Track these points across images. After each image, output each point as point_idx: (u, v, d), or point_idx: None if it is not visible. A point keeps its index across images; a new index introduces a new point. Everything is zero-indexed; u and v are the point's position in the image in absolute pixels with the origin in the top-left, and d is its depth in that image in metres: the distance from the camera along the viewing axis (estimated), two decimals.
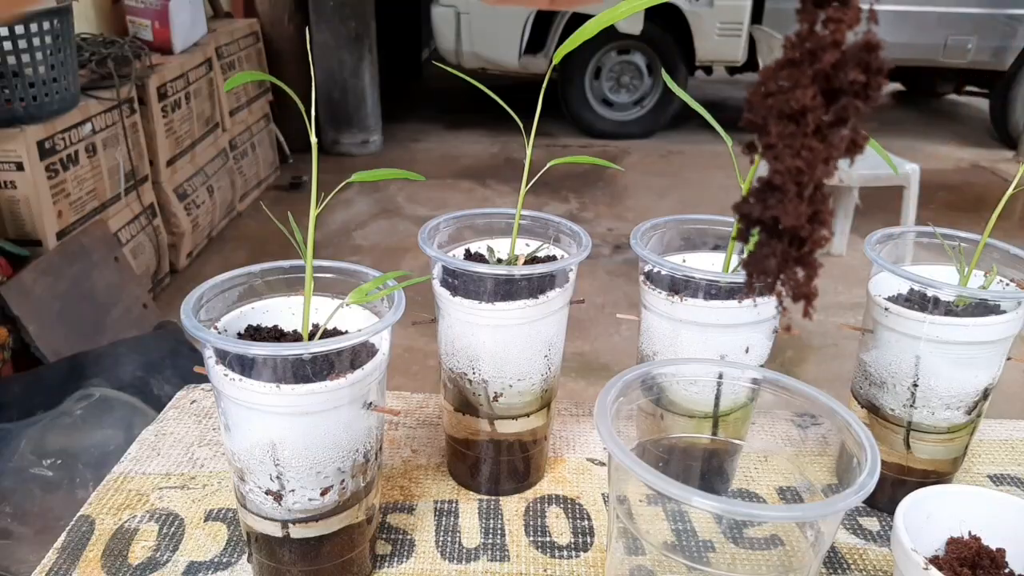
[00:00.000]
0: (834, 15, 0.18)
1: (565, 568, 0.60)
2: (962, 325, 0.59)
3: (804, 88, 0.18)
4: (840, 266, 2.81)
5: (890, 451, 0.65)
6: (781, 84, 0.18)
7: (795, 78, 0.18)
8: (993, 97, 4.32)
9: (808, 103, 0.18)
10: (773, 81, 0.18)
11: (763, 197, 0.19)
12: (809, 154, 0.18)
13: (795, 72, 0.18)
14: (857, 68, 0.18)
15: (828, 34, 0.18)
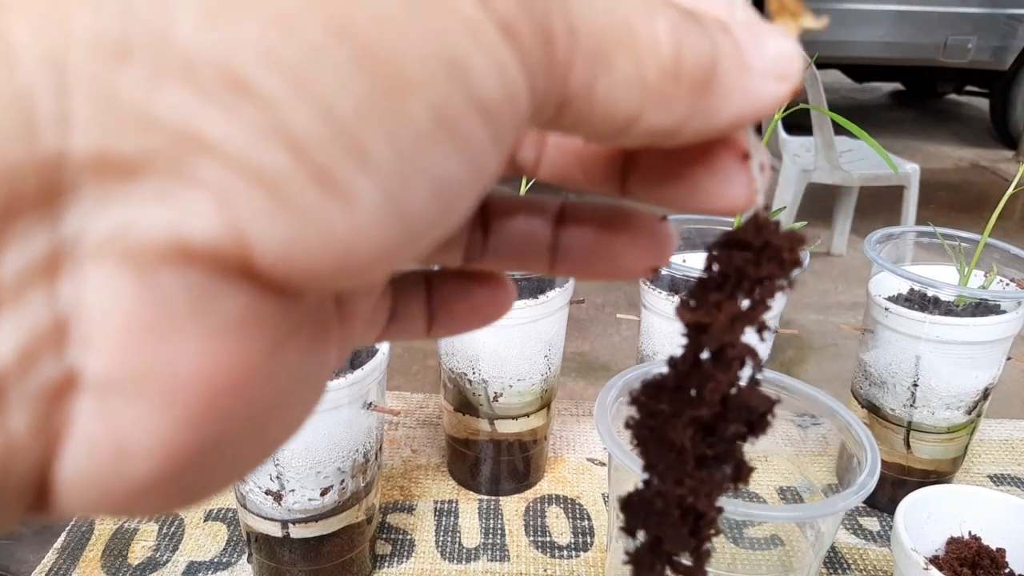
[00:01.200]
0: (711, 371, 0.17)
1: (565, 568, 0.60)
2: (962, 325, 0.59)
3: (683, 428, 0.17)
4: (840, 266, 2.81)
5: (890, 451, 0.65)
6: (661, 407, 0.17)
7: (675, 407, 0.17)
8: (993, 97, 4.32)
9: (686, 442, 0.17)
10: (653, 401, 0.17)
11: (646, 509, 0.18)
12: (693, 484, 0.17)
13: (676, 401, 0.17)
14: (741, 422, 0.18)
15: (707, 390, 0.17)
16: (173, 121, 0.10)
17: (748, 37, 0.16)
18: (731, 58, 0.15)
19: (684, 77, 0.15)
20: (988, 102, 4.41)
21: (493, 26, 0.12)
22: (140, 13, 0.10)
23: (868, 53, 4.11)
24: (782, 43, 0.17)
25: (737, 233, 0.17)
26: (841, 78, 4.81)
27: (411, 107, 0.11)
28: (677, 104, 0.15)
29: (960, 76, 4.54)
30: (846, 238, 2.88)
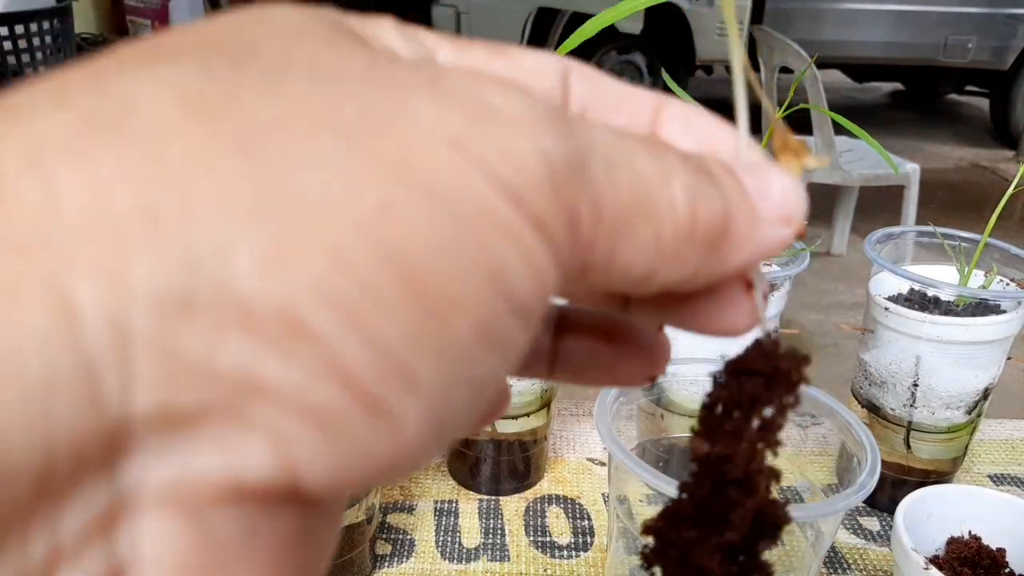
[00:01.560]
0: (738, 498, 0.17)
1: (565, 568, 0.60)
2: (962, 325, 0.59)
3: (710, 554, 0.17)
4: (840, 266, 2.81)
5: (890, 451, 0.65)
6: (684, 535, 0.18)
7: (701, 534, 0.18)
8: (993, 97, 4.32)
9: (715, 569, 0.17)
10: (674, 530, 0.18)
11: None
12: None
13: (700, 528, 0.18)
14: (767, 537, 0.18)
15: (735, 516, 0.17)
16: (233, 371, 0.10)
17: (754, 183, 0.17)
18: (742, 210, 0.16)
19: (698, 236, 0.15)
20: (988, 102, 4.40)
21: (527, 224, 0.12)
22: (201, 265, 0.10)
23: (868, 53, 4.11)
24: (786, 187, 0.17)
25: (744, 361, 0.18)
26: (841, 78, 4.81)
27: (457, 325, 0.12)
28: (691, 260, 0.15)
29: (960, 76, 4.54)
30: (846, 238, 2.88)
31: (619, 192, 0.14)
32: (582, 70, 0.18)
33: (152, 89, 0.11)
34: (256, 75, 0.12)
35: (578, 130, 0.14)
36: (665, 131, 0.18)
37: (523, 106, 0.13)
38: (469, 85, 0.13)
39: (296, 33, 0.13)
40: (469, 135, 0.12)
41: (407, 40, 0.16)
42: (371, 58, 0.13)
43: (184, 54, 0.12)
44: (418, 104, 0.12)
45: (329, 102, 0.12)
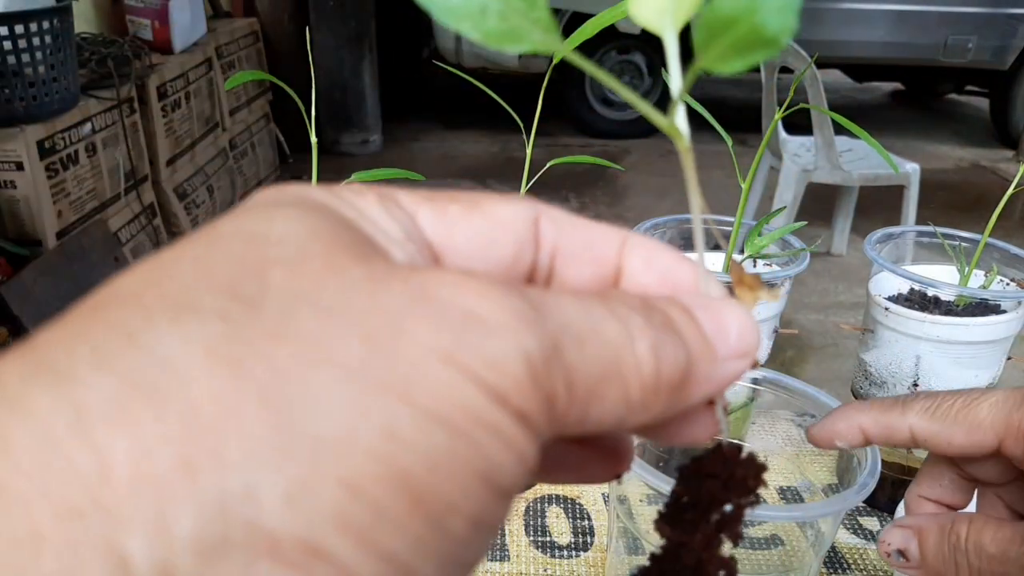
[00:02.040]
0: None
1: (565, 568, 0.60)
2: (962, 325, 0.59)
3: None
4: (840, 266, 2.81)
5: (890, 451, 0.65)
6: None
7: None
8: (993, 97, 4.31)
9: None
10: None
11: None
12: None
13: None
14: None
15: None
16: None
17: (712, 323, 0.18)
18: (701, 355, 0.18)
19: (662, 388, 0.17)
20: (988, 102, 4.40)
21: (512, 419, 0.14)
22: (233, 508, 0.12)
23: (868, 53, 4.11)
24: (742, 324, 0.19)
25: (704, 464, 0.20)
26: (841, 78, 4.81)
27: (454, 525, 0.13)
28: (656, 407, 0.17)
29: (960, 76, 4.54)
30: (846, 238, 2.88)
31: (589, 365, 0.16)
32: (551, 214, 0.20)
33: (182, 349, 0.12)
34: (270, 319, 0.13)
35: (552, 316, 0.15)
36: (629, 267, 0.20)
37: (504, 310, 0.15)
38: (455, 295, 0.14)
39: (300, 256, 0.15)
40: (459, 348, 0.14)
41: (390, 215, 0.17)
42: (369, 280, 0.14)
43: (203, 303, 0.13)
44: (414, 326, 0.14)
45: (336, 340, 0.13)
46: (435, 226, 0.18)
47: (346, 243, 0.15)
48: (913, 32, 3.99)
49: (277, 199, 0.17)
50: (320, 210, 0.16)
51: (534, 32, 0.18)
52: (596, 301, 0.17)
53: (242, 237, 0.15)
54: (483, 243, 0.19)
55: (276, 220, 0.16)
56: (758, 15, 0.17)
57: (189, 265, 0.14)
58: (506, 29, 0.17)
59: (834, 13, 4.00)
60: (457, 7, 0.17)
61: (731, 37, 0.17)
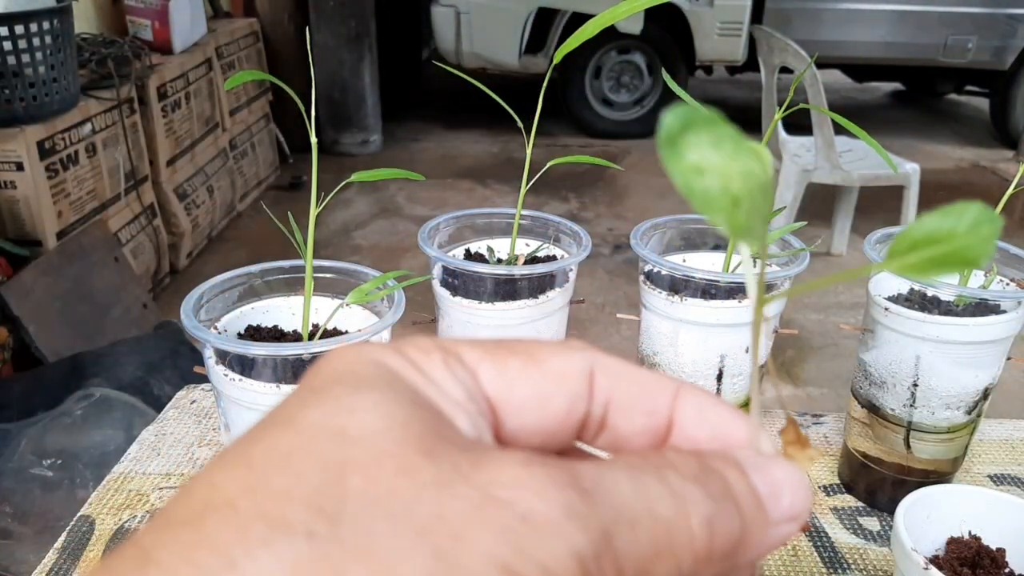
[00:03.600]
0: None
1: None
2: (962, 325, 0.59)
3: None
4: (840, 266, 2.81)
5: (890, 451, 0.65)
6: None
7: None
8: (993, 97, 4.31)
9: None
10: None
11: None
12: None
13: None
14: None
15: None
16: None
17: (766, 484, 0.19)
18: (755, 523, 0.18)
19: (715, 557, 0.17)
20: (988, 102, 4.40)
21: None
22: None
23: (868, 53, 4.11)
24: (795, 486, 0.19)
25: None
26: (841, 78, 4.81)
27: None
28: (707, 572, 0.18)
29: (960, 76, 4.54)
30: (846, 238, 2.88)
31: (640, 548, 0.16)
32: (606, 365, 0.21)
33: (271, 571, 0.14)
34: (348, 536, 0.15)
35: (605, 502, 0.16)
36: (681, 419, 0.21)
37: (559, 508, 0.16)
38: (514, 494, 0.16)
39: (375, 459, 0.16)
40: (515, 557, 0.15)
41: (454, 377, 0.19)
42: (437, 484, 0.16)
43: (295, 521, 0.15)
44: (475, 535, 0.15)
45: (406, 555, 0.15)
46: (495, 382, 0.20)
47: (417, 434, 0.17)
48: (913, 32, 3.99)
49: (356, 376, 0.18)
50: (395, 389, 0.18)
51: (760, 227, 0.19)
52: (651, 473, 0.17)
53: (325, 436, 0.17)
54: (539, 398, 0.20)
55: (356, 412, 0.17)
56: (964, 240, 0.18)
57: (279, 470, 0.16)
58: (750, 224, 0.19)
59: (834, 13, 4.00)
60: (716, 200, 0.18)
61: (933, 252, 0.19)
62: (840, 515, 0.66)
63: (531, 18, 3.93)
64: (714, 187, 0.18)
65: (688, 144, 0.18)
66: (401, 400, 0.18)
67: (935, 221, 0.18)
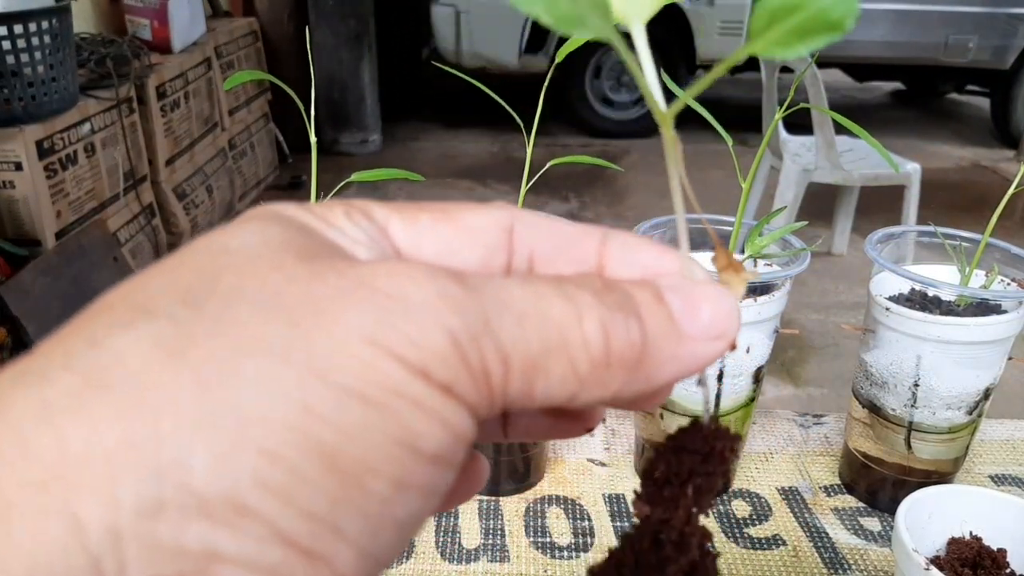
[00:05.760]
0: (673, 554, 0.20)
1: (565, 568, 0.60)
2: (963, 325, 0.59)
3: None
4: (841, 266, 2.81)
5: (891, 451, 0.65)
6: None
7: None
8: (994, 96, 4.31)
9: None
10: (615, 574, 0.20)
11: None
12: None
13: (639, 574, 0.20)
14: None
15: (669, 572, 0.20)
16: (198, 548, 0.14)
17: (685, 305, 0.19)
18: (661, 333, 0.18)
19: (613, 361, 0.18)
20: (989, 101, 4.40)
21: (435, 391, 0.16)
22: (168, 475, 0.14)
23: (869, 52, 4.11)
24: (718, 305, 0.19)
25: (685, 439, 0.21)
26: (842, 77, 4.81)
27: (374, 485, 0.15)
28: (611, 382, 0.18)
29: (961, 75, 4.54)
30: (847, 238, 2.87)
31: (529, 337, 0.17)
32: (527, 219, 0.21)
33: (133, 346, 0.15)
34: (211, 316, 0.15)
35: (488, 296, 0.17)
36: (610, 264, 0.21)
37: (432, 291, 0.16)
38: (388, 281, 0.16)
39: (250, 261, 0.17)
40: (381, 329, 0.15)
41: (355, 224, 0.19)
42: (307, 275, 0.16)
43: (159, 308, 0.16)
44: (339, 310, 0.15)
45: (267, 328, 0.15)
46: (405, 235, 0.20)
47: (297, 247, 0.17)
48: (914, 32, 3.99)
49: (252, 215, 0.19)
50: (284, 221, 0.18)
51: (595, 19, 0.18)
52: (547, 282, 0.18)
53: (208, 250, 0.17)
54: (449, 251, 0.20)
55: (238, 234, 0.18)
56: (822, 1, 0.17)
57: (157, 278, 0.17)
58: (575, 14, 0.18)
59: None
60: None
61: (794, 21, 0.18)
62: (841, 515, 0.66)
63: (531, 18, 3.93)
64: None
65: None
66: (288, 227, 0.18)
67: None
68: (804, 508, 0.67)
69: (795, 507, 0.67)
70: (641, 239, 0.21)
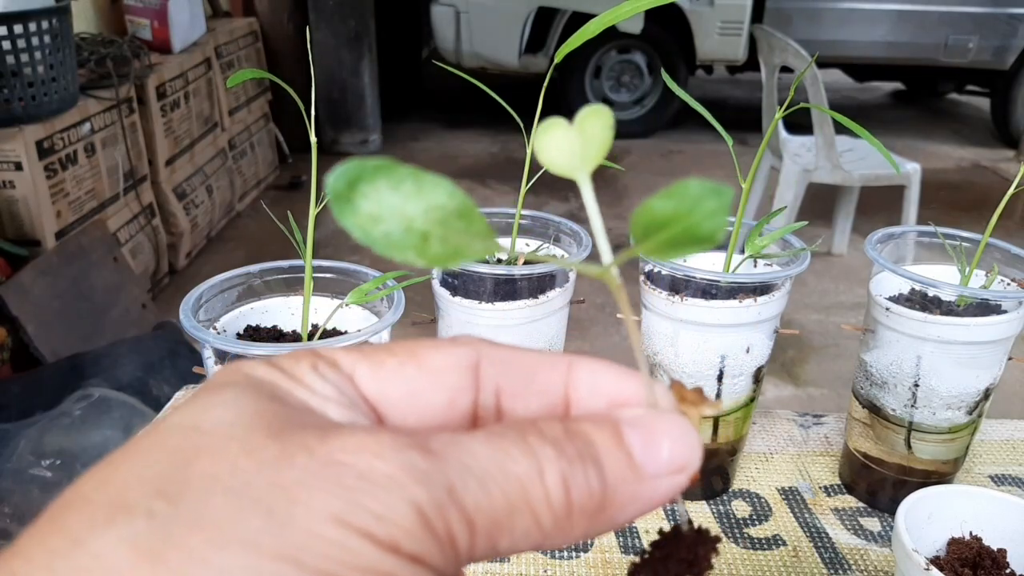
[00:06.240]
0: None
1: (565, 569, 0.60)
2: (963, 325, 0.59)
3: None
4: (841, 266, 2.81)
5: (891, 451, 0.65)
6: None
7: None
8: (994, 96, 4.31)
9: None
10: None
11: None
12: None
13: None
14: None
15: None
16: None
17: (645, 442, 0.19)
18: (621, 478, 0.19)
19: (575, 513, 0.18)
20: (989, 101, 4.40)
21: (405, 563, 0.16)
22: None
23: (869, 53, 4.11)
24: (677, 440, 0.20)
25: (666, 547, 0.21)
26: (842, 77, 4.81)
27: None
28: (574, 530, 0.18)
29: (961, 75, 4.53)
30: (847, 238, 2.87)
31: (492, 500, 0.17)
32: (492, 355, 0.21)
33: (113, 548, 0.15)
34: (187, 511, 0.16)
35: (451, 462, 0.17)
36: (575, 394, 0.21)
37: (394, 466, 0.17)
38: (354, 458, 0.17)
39: (223, 444, 0.17)
40: (349, 509, 0.16)
41: (322, 379, 0.20)
42: (278, 457, 0.17)
43: (135, 503, 0.16)
44: (309, 496, 0.16)
45: (239, 519, 0.16)
46: (371, 382, 0.20)
47: (267, 421, 0.18)
48: (914, 32, 3.99)
49: (223, 380, 0.19)
50: (254, 388, 0.19)
51: (475, 244, 0.19)
52: (509, 438, 0.18)
53: (179, 431, 0.18)
54: (415, 394, 0.20)
55: (211, 408, 0.18)
56: (692, 218, 0.18)
57: (131, 464, 0.17)
58: (450, 251, 0.19)
59: (834, 13, 4.00)
60: (399, 241, 0.19)
61: (666, 235, 0.19)
62: (841, 516, 0.66)
63: (531, 18, 3.93)
64: (395, 231, 0.19)
65: (361, 195, 0.19)
66: (259, 396, 0.18)
67: (659, 203, 0.18)
68: (804, 508, 0.67)
69: (795, 507, 0.67)
70: (606, 365, 0.22)
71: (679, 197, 0.18)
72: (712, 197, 0.18)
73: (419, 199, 0.19)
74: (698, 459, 0.20)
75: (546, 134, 0.21)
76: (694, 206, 0.18)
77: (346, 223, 0.19)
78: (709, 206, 0.18)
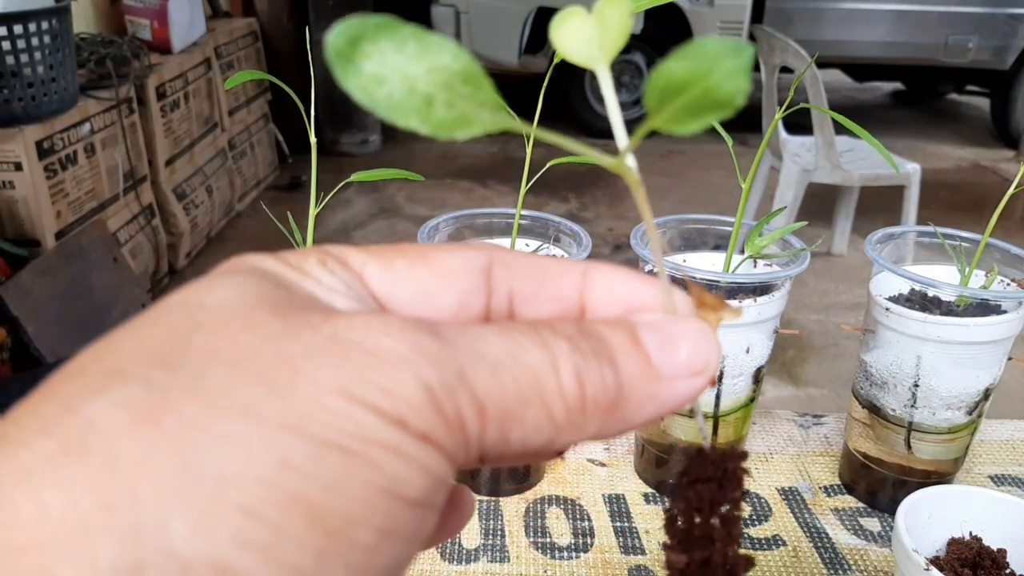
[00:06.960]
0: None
1: (565, 569, 0.60)
2: (963, 325, 0.59)
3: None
4: (841, 266, 2.81)
5: (891, 451, 0.65)
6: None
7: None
8: (994, 96, 4.31)
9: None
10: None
11: None
12: None
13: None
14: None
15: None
16: None
17: (662, 344, 0.19)
18: (637, 376, 0.18)
19: (589, 408, 0.18)
20: (989, 102, 4.40)
21: (413, 440, 0.16)
22: (147, 538, 0.14)
23: (869, 53, 4.11)
24: (696, 343, 0.19)
25: (695, 471, 0.20)
26: (842, 78, 4.81)
27: (358, 535, 0.15)
28: (588, 426, 0.18)
29: (961, 76, 4.54)
30: (846, 238, 2.87)
31: (503, 387, 0.17)
32: (505, 258, 0.21)
33: (108, 412, 0.15)
34: (185, 378, 0.15)
35: (463, 347, 0.17)
36: (591, 299, 0.21)
37: (406, 343, 0.16)
38: (361, 335, 0.16)
39: (224, 319, 0.17)
40: (355, 383, 0.15)
41: (330, 273, 0.19)
42: (281, 332, 0.16)
43: (132, 370, 0.15)
44: (313, 367, 0.16)
45: (240, 388, 0.15)
46: (381, 281, 0.20)
47: (272, 302, 0.17)
48: (913, 32, 3.99)
49: (228, 268, 0.19)
50: (259, 274, 0.18)
51: (483, 115, 0.18)
52: (523, 331, 0.18)
53: (181, 308, 0.17)
54: (426, 295, 0.20)
55: (214, 289, 0.18)
56: (711, 78, 0.17)
57: (130, 338, 0.16)
58: (455, 117, 0.18)
59: (834, 13, 4.00)
60: (402, 103, 0.18)
61: (684, 100, 0.17)
62: (841, 516, 0.66)
63: (531, 18, 3.93)
64: (398, 92, 0.18)
65: (364, 54, 0.18)
66: (263, 280, 0.18)
67: (675, 65, 0.17)
68: (804, 508, 0.67)
69: (795, 507, 0.67)
70: (623, 271, 0.21)
71: (696, 57, 0.17)
72: (732, 55, 0.17)
73: (422, 59, 0.18)
74: (717, 362, 0.19)
75: (563, 23, 0.19)
76: (713, 65, 0.17)
77: (348, 84, 0.18)
78: (729, 65, 0.17)
